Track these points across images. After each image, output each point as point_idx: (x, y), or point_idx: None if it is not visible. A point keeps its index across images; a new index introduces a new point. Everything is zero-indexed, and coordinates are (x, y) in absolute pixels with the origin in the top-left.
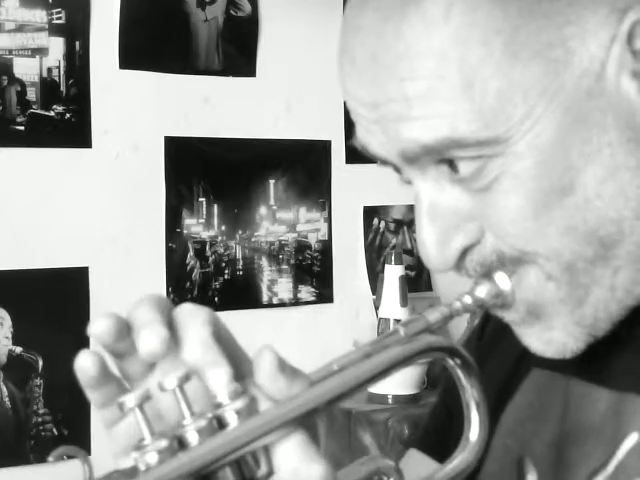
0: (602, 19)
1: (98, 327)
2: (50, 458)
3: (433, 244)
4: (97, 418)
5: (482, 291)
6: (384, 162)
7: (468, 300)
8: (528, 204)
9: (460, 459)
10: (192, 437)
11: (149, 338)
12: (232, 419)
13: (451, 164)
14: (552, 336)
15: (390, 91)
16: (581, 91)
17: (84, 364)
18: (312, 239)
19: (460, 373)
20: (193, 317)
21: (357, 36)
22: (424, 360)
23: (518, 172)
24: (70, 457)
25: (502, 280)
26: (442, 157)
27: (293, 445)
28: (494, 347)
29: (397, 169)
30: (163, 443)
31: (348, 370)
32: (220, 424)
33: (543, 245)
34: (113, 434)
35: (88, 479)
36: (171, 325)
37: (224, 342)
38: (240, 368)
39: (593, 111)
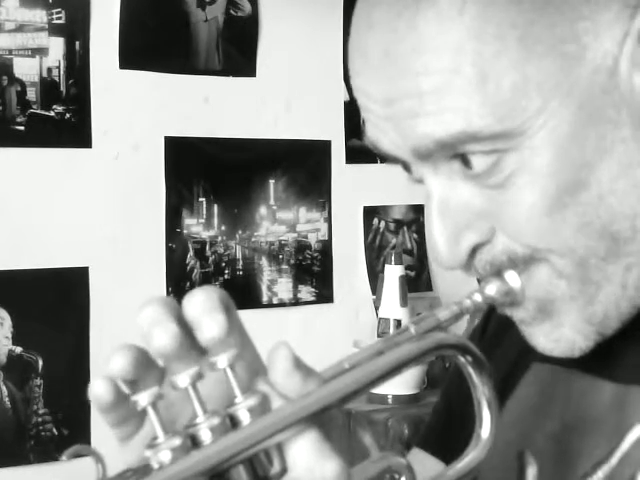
0: (615, 15)
1: (116, 366)
2: (63, 457)
3: (444, 241)
4: (97, 418)
5: (492, 289)
6: (394, 160)
7: (478, 298)
8: (543, 200)
9: (472, 456)
10: (205, 435)
11: (161, 336)
12: (245, 417)
13: (464, 160)
14: (561, 334)
15: (404, 86)
16: (595, 87)
17: (98, 391)
18: (312, 239)
19: (471, 370)
20: (205, 288)
21: (370, 33)
22: (434, 358)
23: (533, 168)
24: (82, 456)
25: (512, 278)
26: (455, 152)
27: (307, 443)
28: (497, 343)
29: (406, 167)
30: (176, 441)
31: (360, 368)
32: (233, 422)
33: (557, 242)
34: (128, 446)
35: (101, 478)
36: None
37: (236, 327)
38: (251, 365)
39: (607, 107)
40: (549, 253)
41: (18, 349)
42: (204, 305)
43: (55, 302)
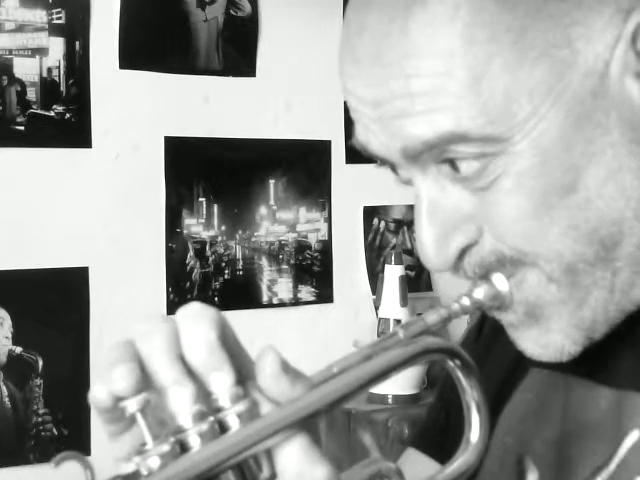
0: (607, 19)
1: (120, 387)
2: (52, 464)
3: (432, 244)
4: (97, 418)
5: (480, 293)
6: (383, 161)
7: (466, 302)
8: (530, 203)
9: (461, 461)
10: (194, 441)
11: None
12: (234, 423)
13: (452, 164)
14: (550, 339)
15: (394, 88)
16: (585, 91)
17: (99, 396)
18: (312, 239)
19: (460, 374)
20: (200, 318)
21: (361, 36)
22: (424, 361)
23: (520, 171)
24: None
25: (500, 282)
26: (443, 155)
27: (296, 448)
28: (492, 346)
29: (394, 169)
30: (165, 447)
31: (349, 372)
32: (222, 428)
33: (544, 245)
34: (116, 442)
35: None
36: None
37: (229, 344)
38: (243, 370)
39: (597, 111)
40: (537, 257)
41: (18, 349)
42: (209, 354)
43: (55, 302)
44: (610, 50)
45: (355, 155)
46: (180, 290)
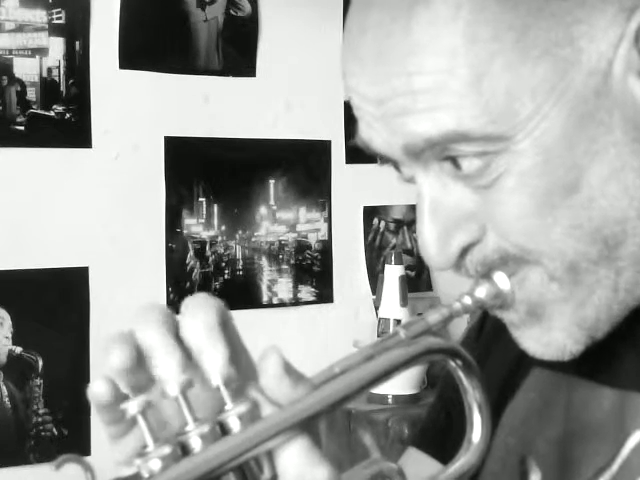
0: (610, 18)
1: (115, 363)
2: (53, 467)
3: (434, 242)
4: (97, 418)
5: (482, 292)
6: (385, 160)
7: (468, 301)
8: (532, 202)
9: (463, 461)
10: (195, 443)
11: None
12: (235, 424)
13: (454, 162)
14: (551, 338)
15: (397, 86)
16: (588, 90)
17: (98, 391)
18: (312, 239)
19: (461, 374)
20: (204, 302)
21: (363, 35)
22: (425, 362)
23: (523, 170)
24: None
25: (502, 280)
26: (446, 153)
27: (297, 450)
28: (493, 345)
29: (397, 167)
30: (166, 450)
31: (350, 373)
32: (223, 430)
33: (547, 244)
34: (117, 445)
35: None
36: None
37: (231, 336)
38: (244, 371)
39: (600, 110)
40: (540, 256)
41: (18, 349)
42: (206, 333)
43: (55, 302)
44: (613, 49)
45: (355, 155)
46: (180, 290)
